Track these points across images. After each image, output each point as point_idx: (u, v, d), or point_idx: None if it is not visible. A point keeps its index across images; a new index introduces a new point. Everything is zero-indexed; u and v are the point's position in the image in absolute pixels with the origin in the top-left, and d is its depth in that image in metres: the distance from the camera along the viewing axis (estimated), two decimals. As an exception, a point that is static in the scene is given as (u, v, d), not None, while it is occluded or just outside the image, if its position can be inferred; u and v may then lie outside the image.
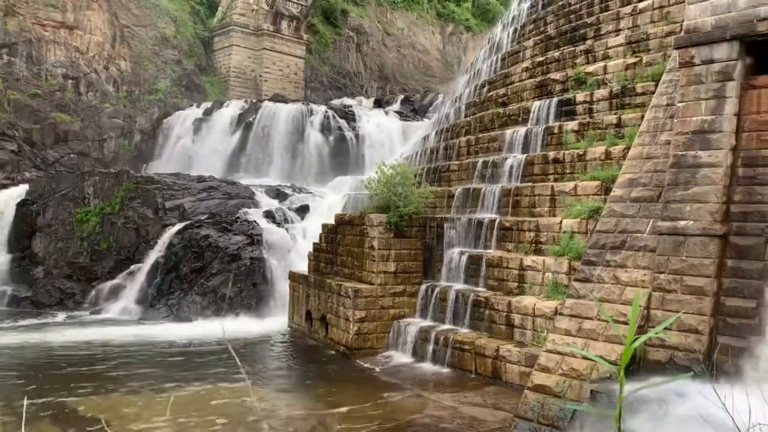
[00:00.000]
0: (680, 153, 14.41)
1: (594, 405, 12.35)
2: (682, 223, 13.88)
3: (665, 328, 13.08)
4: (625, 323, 13.91)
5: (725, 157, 13.72)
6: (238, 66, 55.33)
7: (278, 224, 31.16)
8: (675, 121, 14.88)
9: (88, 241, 32.54)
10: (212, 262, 28.84)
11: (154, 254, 30.15)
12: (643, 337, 1.25)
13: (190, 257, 29.20)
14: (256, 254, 29.05)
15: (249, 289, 28.33)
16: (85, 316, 28.61)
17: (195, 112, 46.89)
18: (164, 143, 46.36)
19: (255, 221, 30.69)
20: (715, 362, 12.55)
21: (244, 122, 44.63)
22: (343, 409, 15.33)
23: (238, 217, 31.28)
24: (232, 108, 46.25)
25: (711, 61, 14.31)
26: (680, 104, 14.78)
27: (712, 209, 13.56)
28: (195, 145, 44.90)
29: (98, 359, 20.29)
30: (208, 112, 46.35)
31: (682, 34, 15.30)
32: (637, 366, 13.53)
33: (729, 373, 11.81)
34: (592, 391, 12.69)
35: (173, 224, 31.03)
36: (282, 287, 27.84)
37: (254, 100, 48.70)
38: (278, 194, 35.31)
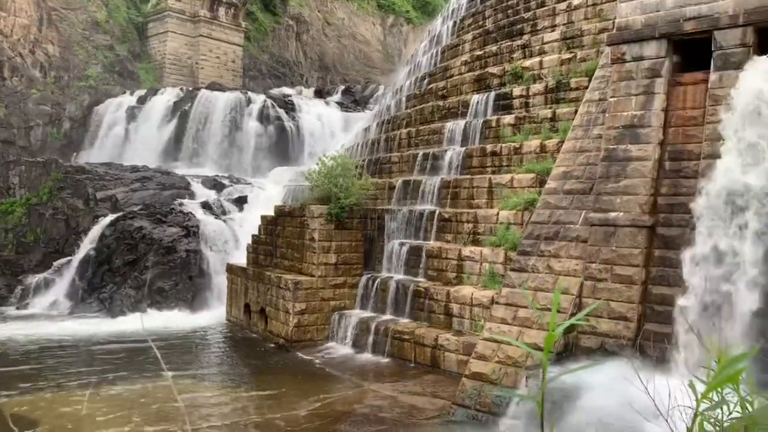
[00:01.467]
0: (611, 147, 14.93)
1: (528, 391, 12.70)
2: (613, 214, 14.40)
3: (595, 316, 13.58)
4: (558, 311, 14.34)
5: (653, 151, 14.30)
6: (174, 53, 53.75)
7: (216, 216, 30.56)
8: (606, 115, 15.39)
9: (14, 233, 31.05)
10: (146, 255, 28.03)
11: (85, 247, 29.06)
12: (565, 324, 1.28)
13: (123, 249, 28.29)
14: (192, 246, 28.41)
15: (185, 282, 27.70)
16: (10, 311, 27.31)
17: (128, 99, 45.30)
18: (96, 132, 44.60)
19: (191, 212, 29.99)
20: (642, 348, 13.12)
21: (179, 111, 43.44)
22: (282, 402, 15.24)
23: (174, 209, 30.49)
24: (168, 96, 44.93)
25: (641, 58, 14.86)
26: (612, 99, 15.30)
27: (641, 201, 14.13)
28: (128, 133, 43.41)
29: (25, 357, 19.43)
30: (142, 100, 44.87)
31: (614, 31, 15.83)
32: (570, 353, 13.99)
33: (654, 357, 12.34)
34: (527, 377, 13.04)
35: (105, 215, 29.97)
36: (220, 280, 27.35)
37: (190, 88, 47.45)
38: (215, 185, 34.61)
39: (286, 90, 52.74)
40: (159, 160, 41.01)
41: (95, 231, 29.27)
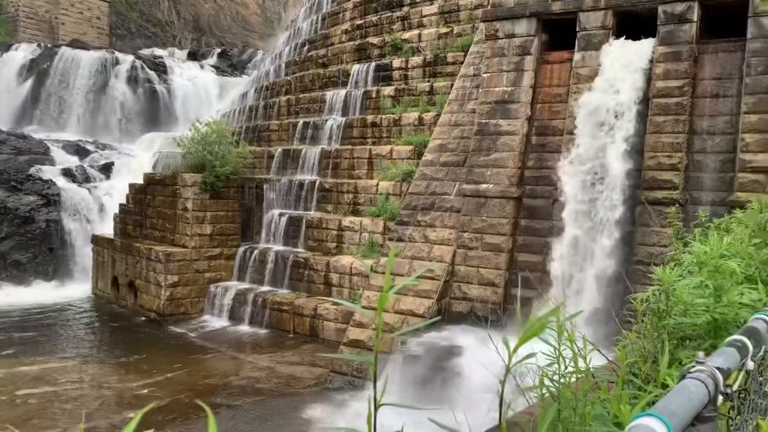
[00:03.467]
0: (483, 121, 15.53)
1: (401, 354, 13.11)
2: (484, 186, 15.05)
3: (466, 282, 14.18)
4: (433, 279, 14.87)
5: (522, 126, 15.04)
6: (29, 5, 48.98)
7: (79, 183, 28.52)
8: (480, 91, 15.96)
9: None
10: (0, 225, 25.71)
11: (-75, 217, 26.10)
12: (398, 286, 1.32)
13: (-29, 220, 25.74)
14: (52, 216, 26.40)
15: (45, 254, 25.78)
16: None
17: (-25, 53, 40.80)
18: (-65, 88, 39.86)
19: (51, 180, 27.77)
20: (509, 312, 13.94)
21: (37, 69, 39.79)
22: (156, 378, 14.70)
23: (31, 175, 28.07)
24: (22, 52, 40.94)
25: (513, 36, 15.48)
26: (485, 75, 15.86)
27: (510, 174, 14.86)
28: (-25, 92, 39.21)
29: None
30: (-9, 55, 40.60)
31: (489, 8, 16.34)
32: (443, 318, 14.58)
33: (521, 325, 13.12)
34: (400, 342, 13.44)
35: (-51, 182, 27.03)
36: (85, 252, 25.69)
37: (49, 45, 43.56)
38: (79, 150, 32.23)
39: (158, 51, 49.81)
40: (12, 122, 37.45)
41: (-63, 199, 26.35)
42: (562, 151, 14.26)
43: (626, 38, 14.09)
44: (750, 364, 1.75)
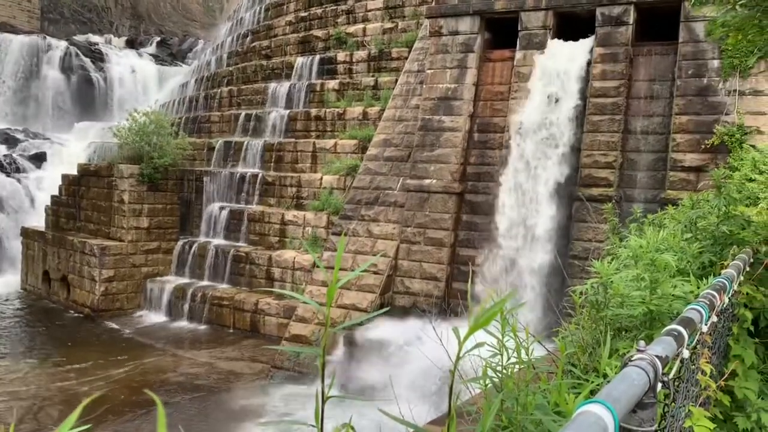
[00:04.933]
0: (427, 117, 15.64)
1: (347, 349, 13.10)
2: (427, 181, 15.17)
3: (409, 277, 14.28)
4: (377, 273, 14.91)
5: (464, 122, 15.23)
6: (-48, -16, 46.28)
7: (8, 174, 27.19)
8: (424, 86, 16.06)
9: None
10: None
11: None
12: (344, 279, 1.30)
13: None
14: (-22, 208, 25.08)
15: (-30, 248, 24.46)
16: None
17: None
18: None
19: (-23, 170, 26.39)
20: (451, 305, 14.11)
21: (-40, 52, 37.64)
22: (87, 373, 14.19)
23: (-46, 165, 26.61)
24: (-56, 34, 38.64)
25: (456, 33, 15.64)
26: (429, 71, 15.97)
27: (452, 169, 15.03)
28: None
29: None
30: None
31: (434, 4, 16.45)
32: (385, 311, 14.63)
33: (459, 314, 13.30)
34: (344, 336, 13.43)
35: None
36: (14, 245, 24.51)
37: (-26, 27, 41.25)
38: (7, 139, 30.70)
39: (93, 38, 47.92)
40: (-66, 108, 35.38)
41: None
42: (501, 148, 14.52)
43: (566, 39, 14.46)
44: (685, 353, 1.82)
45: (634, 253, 3.18)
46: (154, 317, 18.94)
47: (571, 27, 14.54)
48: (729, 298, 2.87)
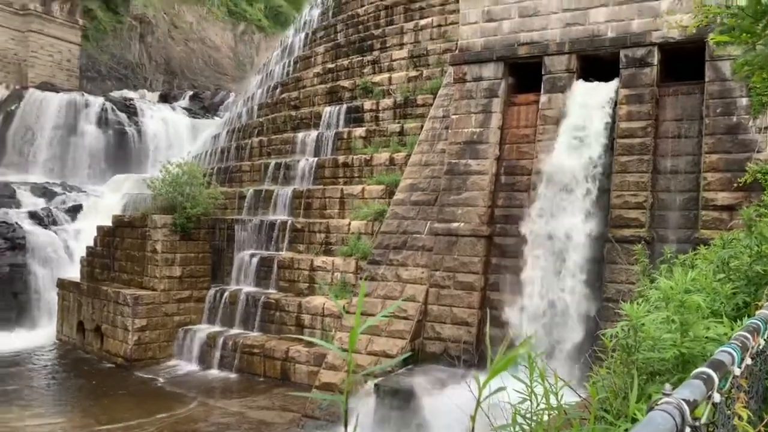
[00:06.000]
0: (453, 161, 15.74)
1: (377, 397, 12.93)
2: (455, 224, 15.17)
3: (440, 322, 14.15)
4: (407, 318, 14.81)
5: (491, 165, 15.28)
6: (-2, 47, 48.59)
7: (45, 226, 27.95)
8: (449, 131, 16.22)
9: None
10: (-39, 270, 24.96)
11: None
12: (368, 322, 1.33)
13: (-69, 265, 24.95)
14: (17, 260, 25.74)
15: (8, 299, 25.00)
16: None
17: (-60, 95, 40.22)
18: None
19: (16, 223, 27.17)
20: (483, 351, 13.90)
21: (4, 111, 39.32)
22: (120, 425, 14.21)
23: (-5, 219, 27.44)
24: (-10, 94, 40.49)
25: (480, 79, 15.85)
26: (454, 116, 16.15)
27: (480, 212, 15.02)
28: (-60, 134, 38.49)
29: None
30: (-43, 97, 40.03)
31: (457, 52, 16.75)
32: (416, 358, 14.47)
33: (490, 360, 13.08)
34: (375, 384, 13.27)
35: None
36: (50, 296, 25.00)
37: (17, 87, 43.17)
38: (46, 193, 31.68)
39: (129, 93, 49.65)
40: (-23, 165, 36.78)
41: None
42: (528, 190, 14.49)
43: (590, 80, 14.54)
44: (716, 397, 1.78)
45: (664, 294, 3.14)
46: (186, 366, 18.99)
47: (595, 69, 14.63)
48: (765, 339, 2.81)
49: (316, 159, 22.07)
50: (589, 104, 14.25)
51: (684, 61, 13.86)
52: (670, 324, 2.83)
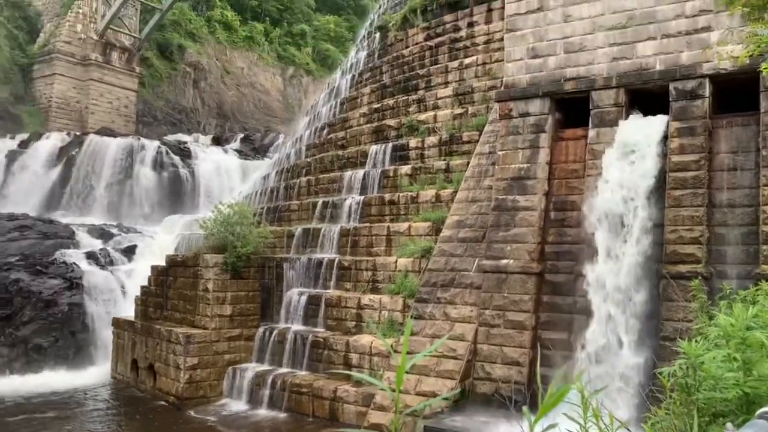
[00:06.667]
0: (501, 197, 15.63)
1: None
2: (504, 261, 14.96)
3: (490, 362, 13.86)
4: (456, 358, 14.57)
5: (539, 201, 15.10)
6: (62, 96, 51.29)
7: (102, 266, 28.86)
8: (496, 167, 16.16)
9: None
10: (23, 309, 25.90)
11: (-49, 302, 26.42)
12: (412, 361, 1.31)
13: (-5, 304, 25.98)
14: (75, 299, 26.58)
15: (66, 338, 25.76)
16: None
17: (8, 143, 42.45)
18: (-31, 177, 41.32)
19: (75, 263, 28.16)
20: (535, 392, 13.51)
21: (66, 156, 41.20)
22: (171, 464, 14.31)
23: (56, 259, 28.52)
24: (53, 140, 42.54)
25: (527, 115, 15.81)
26: (500, 152, 16.10)
27: (530, 249, 14.79)
28: (7, 179, 40.52)
29: None
30: (24, 144, 42.21)
31: (502, 89, 16.80)
32: (466, 399, 14.17)
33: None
34: (425, 426, 13.03)
35: (-24, 267, 27.50)
36: (105, 335, 25.66)
37: (78, 133, 45.27)
38: (103, 234, 32.82)
39: (183, 137, 51.48)
40: (41, 207, 38.47)
41: (-37, 284, 26.75)
42: (579, 226, 14.23)
43: (639, 114, 14.32)
44: (784, 439, 1.68)
45: (724, 331, 3.01)
46: (235, 405, 19.07)
47: (643, 102, 14.42)
48: (836, 379, 2.65)
49: (362, 197, 22.26)
50: (639, 138, 14.01)
51: (737, 92, 13.53)
52: (731, 362, 2.71)
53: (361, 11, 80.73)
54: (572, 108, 15.44)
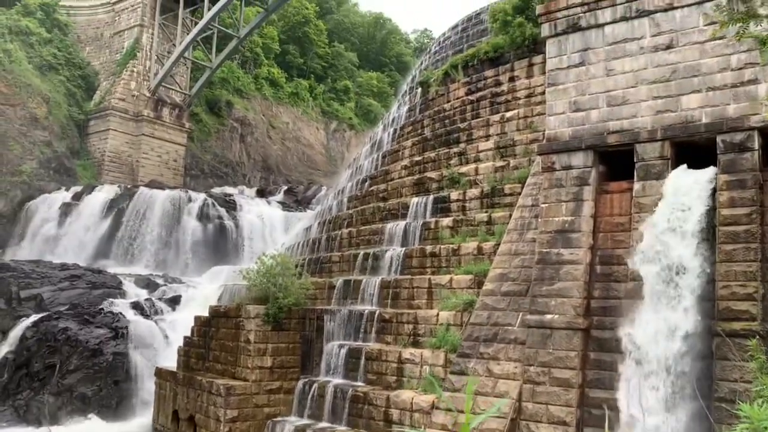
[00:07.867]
0: (545, 250, 15.40)
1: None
2: (548, 316, 14.62)
3: (535, 421, 13.41)
4: (500, 417, 14.14)
5: (585, 255, 14.82)
6: (114, 150, 53.45)
7: (147, 316, 29.35)
8: (539, 220, 15.99)
9: None
10: (70, 358, 26.40)
11: (3, 349, 27.17)
12: (476, 421, 1.28)
13: (44, 352, 26.57)
14: (120, 349, 27.00)
15: (110, 387, 26.07)
16: None
17: (63, 195, 44.27)
18: (25, 227, 43.05)
19: (121, 313, 28.73)
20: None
21: (116, 208, 42.64)
22: None
23: (102, 308, 29.17)
24: (105, 193, 44.19)
25: (569, 167, 15.70)
26: (543, 205, 15.95)
27: (575, 304, 14.44)
28: (61, 230, 42.04)
29: None
30: (77, 197, 43.93)
31: (544, 142, 16.77)
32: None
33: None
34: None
35: (28, 316, 28.34)
36: (148, 385, 25.87)
37: (129, 186, 46.91)
38: (149, 284, 33.52)
39: (228, 189, 52.83)
40: (92, 257, 39.67)
41: (15, 332, 27.54)
42: (627, 281, 13.87)
43: (687, 166, 14.07)
44: None
45: (789, 396, 2.86)
46: (274, 460, 18.81)
47: (688, 155, 14.18)
48: None
49: (403, 249, 22.23)
50: (686, 191, 13.72)
51: (788, 143, 13.21)
52: (799, 430, 2.56)
53: (402, 67, 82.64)
54: (616, 161, 15.28)
